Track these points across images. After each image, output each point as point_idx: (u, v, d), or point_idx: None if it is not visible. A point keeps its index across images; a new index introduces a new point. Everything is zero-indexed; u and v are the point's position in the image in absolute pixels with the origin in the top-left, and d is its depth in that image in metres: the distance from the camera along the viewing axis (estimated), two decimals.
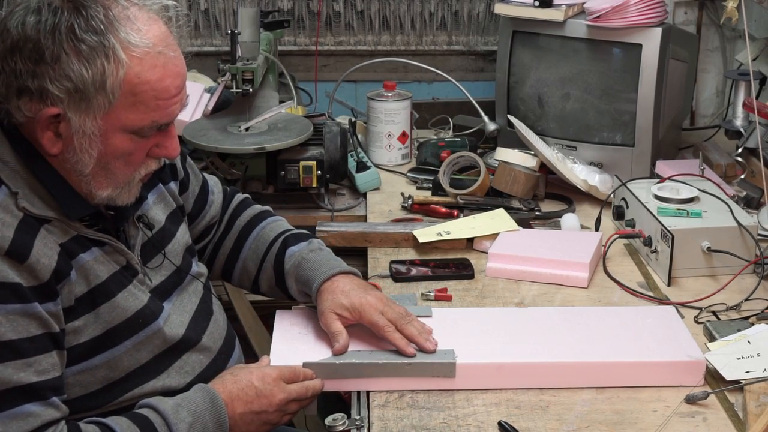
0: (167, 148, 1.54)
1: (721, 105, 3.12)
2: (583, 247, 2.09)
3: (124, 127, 1.46)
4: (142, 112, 1.46)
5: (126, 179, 1.53)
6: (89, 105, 1.42)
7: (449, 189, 2.44)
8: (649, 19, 2.46)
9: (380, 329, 1.68)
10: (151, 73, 1.44)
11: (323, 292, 1.74)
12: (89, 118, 1.43)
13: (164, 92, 1.46)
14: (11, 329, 1.39)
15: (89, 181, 1.50)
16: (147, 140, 1.50)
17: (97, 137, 1.45)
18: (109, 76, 1.41)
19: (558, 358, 1.68)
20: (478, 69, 3.20)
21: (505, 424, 1.55)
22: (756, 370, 1.64)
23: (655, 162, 2.52)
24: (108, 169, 1.49)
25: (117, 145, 1.47)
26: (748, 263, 2.03)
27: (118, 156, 1.49)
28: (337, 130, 2.46)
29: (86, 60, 1.40)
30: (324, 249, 1.85)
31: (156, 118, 1.47)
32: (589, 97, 2.58)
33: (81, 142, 1.45)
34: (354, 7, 3.14)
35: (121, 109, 1.44)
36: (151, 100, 1.45)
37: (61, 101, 1.41)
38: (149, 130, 1.48)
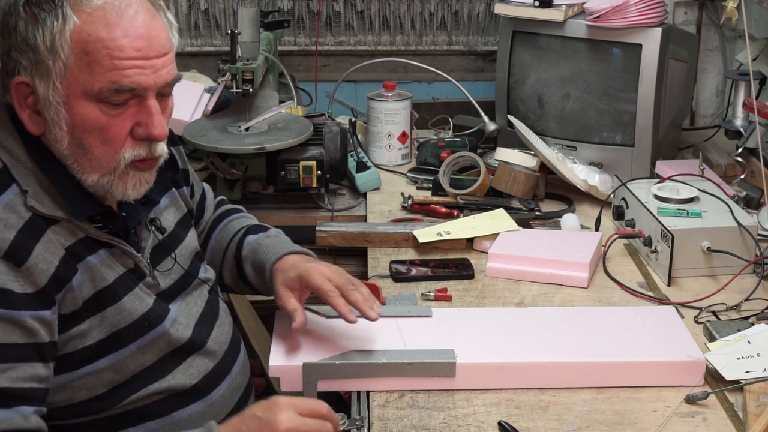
0: (148, 126, 1.46)
1: (721, 105, 3.12)
2: (583, 247, 2.09)
3: (85, 91, 1.41)
4: (98, 73, 1.40)
5: (110, 162, 1.46)
6: (47, 70, 1.41)
7: (449, 189, 2.44)
8: (649, 19, 2.46)
9: (325, 293, 1.66)
10: (103, 31, 1.40)
11: (275, 272, 1.74)
12: (50, 84, 1.41)
13: (119, 51, 1.40)
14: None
15: (73, 164, 1.46)
16: (121, 113, 1.44)
17: (61, 105, 1.42)
18: (57, 34, 1.39)
19: (558, 358, 1.68)
20: (478, 69, 3.20)
21: (505, 424, 1.55)
22: (756, 370, 1.64)
23: (655, 162, 2.52)
24: (83, 146, 1.45)
25: (83, 114, 1.42)
26: (748, 263, 2.03)
27: (89, 129, 1.44)
28: (337, 130, 2.46)
29: (39, 22, 1.40)
30: (281, 236, 1.85)
31: (114, 78, 1.41)
32: (589, 97, 2.58)
33: (50, 114, 1.43)
34: (354, 7, 3.14)
35: (77, 71, 1.40)
36: (105, 59, 1.40)
37: (25, 70, 1.42)
38: (111, 94, 1.42)
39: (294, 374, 1.64)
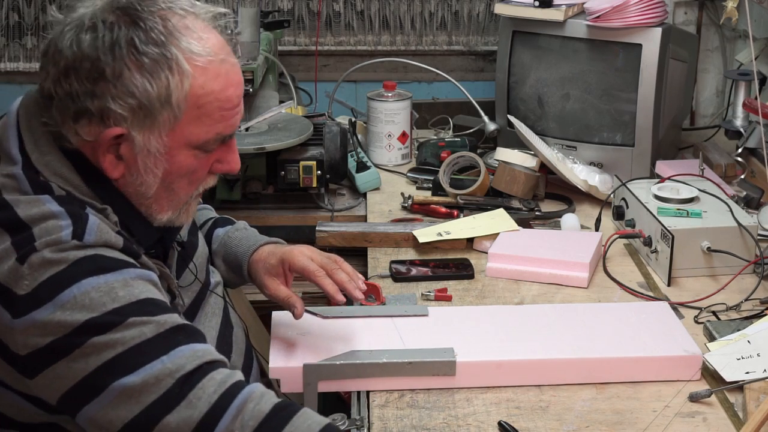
0: (230, 163, 1.47)
1: (721, 105, 3.12)
2: (583, 247, 2.09)
3: (190, 143, 1.39)
4: (207, 125, 1.39)
5: (186, 199, 1.47)
6: (154, 121, 1.35)
7: (449, 189, 2.44)
8: (649, 19, 2.46)
9: (311, 274, 1.66)
10: (214, 83, 1.37)
11: (254, 264, 1.74)
12: (154, 135, 1.36)
13: (228, 102, 1.40)
14: (145, 289, 1.34)
15: (151, 204, 1.44)
16: (209, 156, 1.43)
17: (162, 155, 1.38)
18: (175, 89, 1.34)
19: (556, 355, 1.68)
20: (478, 69, 3.20)
21: (505, 424, 1.55)
22: (756, 371, 1.64)
23: (655, 162, 2.52)
24: (171, 189, 1.43)
25: (182, 162, 1.40)
26: (748, 263, 2.03)
27: (183, 174, 1.42)
28: (337, 130, 2.45)
29: (149, 74, 1.33)
30: (249, 229, 1.85)
31: (221, 130, 1.41)
32: (589, 97, 2.58)
33: (145, 162, 1.38)
34: (354, 7, 3.14)
35: (187, 124, 1.37)
36: (215, 111, 1.39)
37: (124, 120, 1.34)
38: (214, 143, 1.42)
39: (294, 375, 1.64)
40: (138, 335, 1.29)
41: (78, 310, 1.28)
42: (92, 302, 1.28)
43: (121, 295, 1.30)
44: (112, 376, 1.27)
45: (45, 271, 1.29)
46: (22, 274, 1.29)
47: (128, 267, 1.34)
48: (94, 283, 1.29)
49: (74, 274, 1.29)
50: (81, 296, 1.28)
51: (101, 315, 1.28)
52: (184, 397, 1.26)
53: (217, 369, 1.31)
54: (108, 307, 1.29)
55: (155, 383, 1.27)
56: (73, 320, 1.28)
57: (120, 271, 1.33)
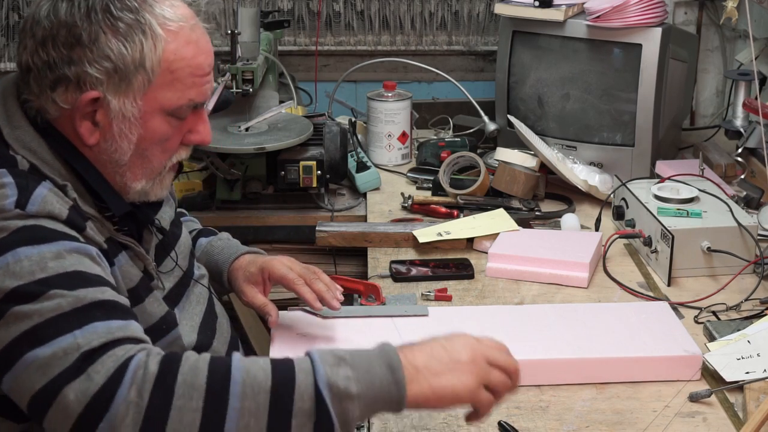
0: (201, 133, 1.51)
1: (721, 105, 3.12)
2: (583, 247, 2.10)
3: (163, 108, 1.43)
4: (180, 90, 1.43)
5: (159, 168, 1.50)
6: (129, 85, 1.40)
7: (449, 189, 2.44)
8: (649, 19, 2.46)
9: (290, 282, 1.70)
10: (186, 49, 1.43)
11: (233, 272, 1.78)
12: (129, 99, 1.41)
13: (199, 69, 1.45)
14: (77, 262, 1.34)
15: (125, 172, 1.47)
16: (182, 124, 1.48)
17: (137, 120, 1.42)
18: (149, 53, 1.39)
19: (556, 355, 1.68)
20: (478, 69, 3.20)
21: (505, 424, 1.55)
22: (756, 371, 1.64)
23: (655, 162, 2.52)
24: (145, 156, 1.46)
25: (156, 128, 1.44)
26: (748, 263, 2.03)
27: (156, 141, 1.46)
28: (337, 130, 2.45)
29: (124, 38, 1.38)
30: (232, 240, 1.89)
31: (192, 96, 1.45)
32: (589, 97, 2.58)
33: (120, 127, 1.42)
34: (354, 7, 3.14)
35: (160, 88, 1.42)
36: (187, 77, 1.44)
37: (100, 84, 1.39)
38: (186, 110, 1.46)
39: None
40: (55, 308, 1.29)
41: (8, 277, 1.30)
42: (22, 270, 1.30)
43: (51, 266, 1.31)
44: (27, 346, 1.28)
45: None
46: None
47: (66, 239, 1.36)
48: (28, 252, 1.31)
49: (12, 242, 1.32)
50: (14, 264, 1.30)
51: (27, 284, 1.30)
52: (84, 371, 1.25)
53: (122, 345, 1.28)
54: (35, 276, 1.30)
55: (63, 356, 1.26)
56: (2, 286, 1.30)
57: (56, 242, 1.34)
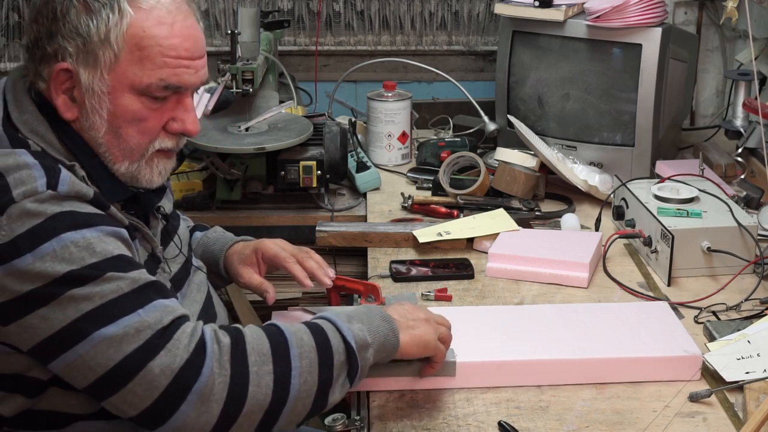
0: (184, 122, 1.53)
1: (721, 105, 3.12)
2: (583, 247, 2.10)
3: (132, 85, 1.46)
4: (149, 68, 1.46)
5: (140, 150, 1.52)
6: (96, 59, 1.44)
7: (449, 189, 2.44)
8: (649, 19, 2.46)
9: (282, 260, 1.79)
10: (158, 29, 1.46)
11: (229, 258, 1.84)
12: (97, 74, 1.45)
13: (171, 50, 1.47)
14: (117, 247, 1.41)
15: (104, 152, 1.50)
16: (160, 107, 1.50)
17: (105, 95, 1.46)
18: (113, 27, 1.43)
19: (557, 355, 1.68)
20: (478, 69, 3.20)
21: (505, 424, 1.55)
22: (756, 371, 1.64)
23: (655, 162, 2.52)
24: (119, 135, 1.49)
25: (126, 105, 1.47)
26: (748, 263, 2.03)
27: (129, 120, 1.48)
28: (337, 130, 2.45)
29: (93, 12, 1.43)
30: (226, 233, 1.94)
31: (163, 76, 1.47)
32: (589, 97, 2.58)
33: (91, 102, 1.46)
34: (354, 7, 3.14)
35: (128, 64, 1.45)
36: (157, 56, 1.46)
37: (71, 56, 1.44)
38: (157, 90, 1.48)
39: None
40: (116, 289, 1.36)
41: (58, 262, 1.34)
42: (72, 256, 1.35)
43: (98, 251, 1.38)
44: (92, 326, 1.34)
45: (23, 223, 1.35)
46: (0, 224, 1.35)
47: (102, 223, 1.42)
48: (73, 237, 1.36)
49: (53, 228, 1.36)
50: (61, 249, 1.35)
51: (80, 268, 1.35)
52: (163, 347, 1.35)
53: (186, 322, 1.40)
54: (86, 261, 1.36)
55: (135, 334, 1.35)
56: (53, 271, 1.34)
57: (96, 227, 1.40)
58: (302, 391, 1.42)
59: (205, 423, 1.36)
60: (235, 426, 1.38)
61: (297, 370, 1.41)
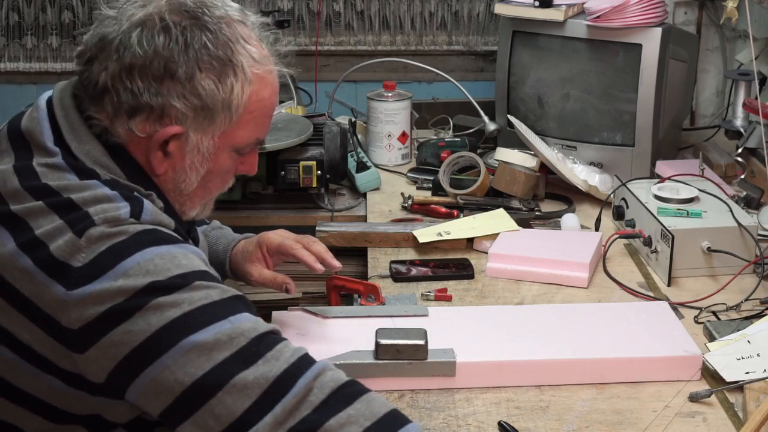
0: (251, 165, 1.53)
1: (721, 105, 3.11)
2: (583, 247, 2.09)
3: (234, 145, 1.45)
4: (253, 129, 1.45)
5: (213, 196, 1.52)
6: (212, 123, 1.40)
7: (449, 189, 2.44)
8: (649, 19, 2.46)
9: (288, 248, 1.75)
10: (265, 91, 1.44)
11: (233, 258, 1.81)
12: (207, 136, 1.41)
13: (271, 109, 1.47)
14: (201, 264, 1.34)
15: (185, 201, 1.48)
16: (240, 158, 1.49)
17: (210, 155, 1.43)
18: (237, 95, 1.39)
19: (557, 355, 1.68)
20: (478, 69, 3.20)
21: (505, 424, 1.55)
22: (756, 371, 1.64)
23: (655, 162, 2.52)
24: (207, 188, 1.48)
25: (223, 162, 1.45)
26: (748, 263, 2.03)
27: (220, 173, 1.47)
28: (337, 130, 2.45)
29: (217, 77, 1.37)
30: (225, 228, 1.91)
31: (260, 135, 1.47)
32: (589, 97, 2.58)
33: (193, 161, 1.42)
34: (354, 7, 3.14)
35: (237, 127, 1.42)
36: (261, 117, 1.45)
37: (185, 119, 1.38)
38: (250, 147, 1.48)
39: None
40: (205, 297, 1.28)
41: (141, 276, 1.27)
42: (156, 268, 1.28)
43: (184, 264, 1.30)
44: (180, 334, 1.25)
45: (104, 242, 1.28)
46: (79, 247, 1.27)
47: (185, 243, 1.37)
48: (158, 251, 1.29)
49: (136, 243, 1.29)
50: (145, 263, 1.27)
51: (166, 279, 1.27)
52: (261, 356, 1.26)
53: (285, 339, 1.32)
54: (173, 272, 1.28)
55: (228, 341, 1.26)
56: (135, 284, 1.26)
57: (179, 244, 1.34)
58: None
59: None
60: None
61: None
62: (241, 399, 1.25)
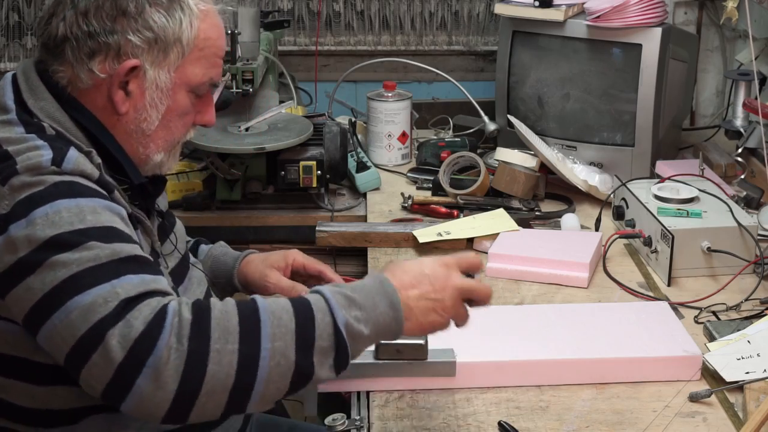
0: (208, 114, 1.62)
1: (721, 105, 3.12)
2: (583, 247, 2.09)
3: (189, 83, 1.54)
4: (204, 67, 1.55)
5: (177, 142, 1.60)
6: (166, 56, 1.50)
7: (449, 189, 2.44)
8: (649, 19, 2.46)
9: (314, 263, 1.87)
10: (212, 31, 1.55)
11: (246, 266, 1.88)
12: (164, 70, 1.51)
13: (220, 50, 1.57)
14: (110, 219, 1.40)
15: (149, 143, 1.56)
16: (197, 102, 1.58)
17: (168, 91, 1.53)
18: (186, 29, 1.50)
19: (556, 355, 1.68)
20: (478, 69, 3.20)
21: (505, 424, 1.55)
22: (756, 371, 1.64)
23: (655, 162, 2.52)
24: (169, 128, 1.56)
25: (180, 101, 1.55)
26: (748, 263, 2.03)
27: (179, 114, 1.56)
28: (337, 130, 2.45)
29: (166, 11, 1.49)
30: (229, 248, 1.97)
31: (213, 75, 1.57)
32: (589, 97, 2.58)
33: (152, 97, 1.52)
34: (354, 7, 3.14)
35: (189, 63, 1.53)
36: (212, 56, 1.55)
37: (141, 52, 1.48)
38: (205, 87, 1.57)
39: None
40: (94, 258, 1.34)
41: (48, 227, 1.35)
42: (61, 220, 1.35)
43: (88, 219, 1.37)
44: (67, 294, 1.32)
45: (22, 192, 1.37)
46: (2, 195, 1.37)
47: (99, 197, 1.42)
48: (67, 204, 1.37)
49: (50, 194, 1.37)
50: (53, 214, 1.36)
51: (66, 233, 1.35)
52: (123, 317, 1.30)
53: (156, 296, 1.35)
54: (74, 226, 1.36)
55: (103, 303, 1.31)
56: (42, 235, 1.34)
57: (92, 198, 1.41)
58: (274, 374, 1.32)
59: (161, 400, 1.29)
60: (197, 405, 1.31)
61: (267, 351, 1.32)
62: (106, 364, 1.30)
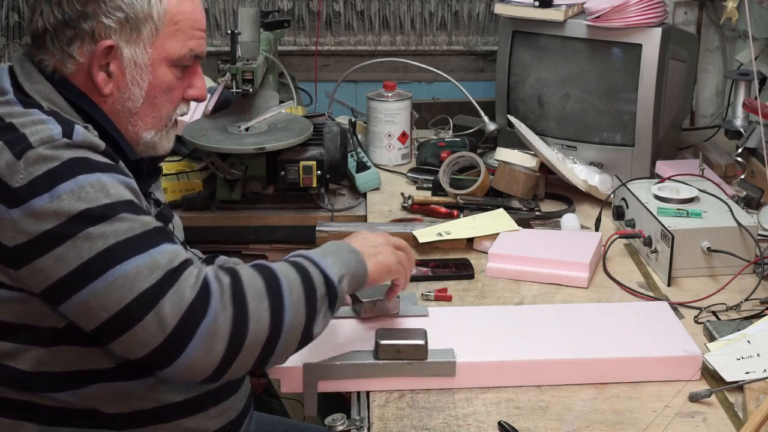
0: (198, 88, 1.66)
1: (721, 105, 3.12)
2: (583, 247, 2.09)
3: (169, 56, 1.58)
4: (182, 40, 1.59)
5: (167, 118, 1.63)
6: (140, 34, 1.55)
7: (449, 189, 2.44)
8: (649, 19, 2.46)
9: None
10: (185, 5, 1.59)
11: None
12: (139, 47, 1.56)
13: (197, 23, 1.62)
14: (127, 193, 1.46)
15: (137, 121, 1.60)
16: (183, 76, 1.63)
17: (147, 67, 1.57)
18: (155, 5, 1.55)
19: (557, 356, 1.68)
20: (478, 69, 3.20)
21: (505, 424, 1.55)
22: (756, 371, 1.64)
23: (655, 162, 2.52)
24: (155, 104, 1.60)
25: (163, 76, 1.59)
26: (748, 263, 2.03)
27: (164, 90, 1.60)
28: (337, 130, 2.45)
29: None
30: None
31: (193, 46, 1.61)
32: (589, 97, 2.58)
33: (133, 74, 1.57)
34: (354, 7, 3.14)
35: (165, 38, 1.57)
36: (188, 28, 1.59)
37: (114, 32, 1.53)
38: (188, 59, 1.61)
39: (294, 375, 1.64)
40: (129, 229, 1.42)
41: (75, 200, 1.40)
42: (87, 195, 1.41)
43: (112, 193, 1.44)
44: (107, 264, 1.39)
45: (40, 166, 1.41)
46: (17, 169, 1.40)
47: (115, 171, 1.48)
48: (89, 179, 1.42)
49: (70, 170, 1.42)
50: (78, 189, 1.41)
51: (96, 207, 1.41)
52: (172, 286, 1.40)
53: (191, 265, 1.45)
54: (102, 201, 1.42)
55: (147, 273, 1.40)
56: (71, 209, 1.39)
57: (109, 173, 1.46)
58: (293, 323, 1.48)
59: (212, 359, 1.41)
60: (237, 360, 1.43)
61: (288, 304, 1.47)
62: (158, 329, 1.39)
